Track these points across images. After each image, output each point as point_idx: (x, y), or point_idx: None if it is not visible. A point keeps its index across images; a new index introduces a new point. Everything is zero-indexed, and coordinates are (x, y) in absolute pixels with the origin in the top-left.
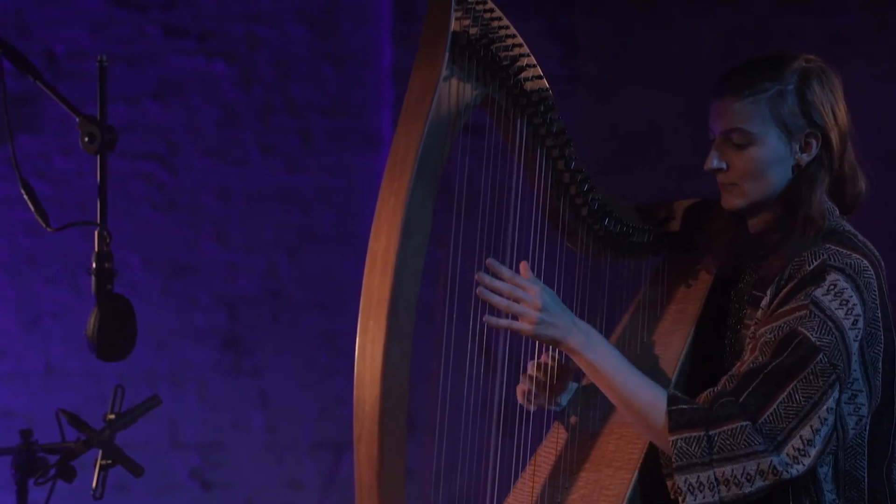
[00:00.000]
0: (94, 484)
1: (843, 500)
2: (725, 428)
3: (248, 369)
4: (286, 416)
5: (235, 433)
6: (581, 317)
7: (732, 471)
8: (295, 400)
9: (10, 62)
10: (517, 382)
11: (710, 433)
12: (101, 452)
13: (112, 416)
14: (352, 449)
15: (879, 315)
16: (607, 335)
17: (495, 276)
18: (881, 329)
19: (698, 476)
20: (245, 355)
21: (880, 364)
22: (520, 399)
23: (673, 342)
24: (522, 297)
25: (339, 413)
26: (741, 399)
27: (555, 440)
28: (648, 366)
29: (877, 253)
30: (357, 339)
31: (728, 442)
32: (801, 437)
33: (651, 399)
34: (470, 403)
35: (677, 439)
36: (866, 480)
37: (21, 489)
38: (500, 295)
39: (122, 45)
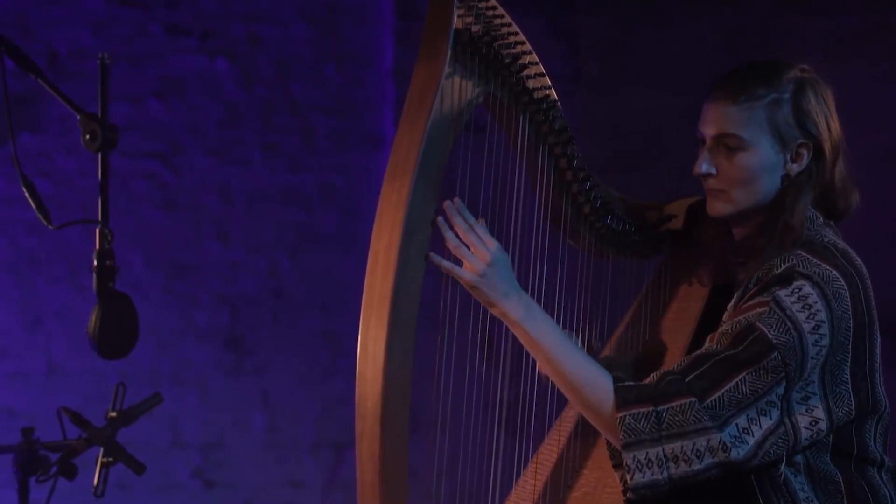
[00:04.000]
0: (95, 482)
1: (821, 494)
2: (674, 404)
3: (250, 369)
4: (287, 415)
5: (236, 432)
6: (583, 315)
7: (682, 447)
8: (296, 399)
9: (13, 61)
10: (520, 380)
11: (659, 409)
12: (102, 450)
13: (114, 414)
14: (353, 448)
15: (851, 325)
16: (609, 333)
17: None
18: (850, 340)
19: (647, 452)
20: (246, 355)
21: (845, 373)
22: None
23: (675, 341)
24: (475, 244)
25: (341, 413)
26: (687, 379)
27: (557, 438)
28: (651, 364)
29: (857, 265)
30: (359, 336)
31: (677, 418)
32: (737, 424)
33: (595, 377)
34: (472, 401)
35: (626, 415)
36: (839, 474)
37: (23, 487)
38: (455, 235)
39: (123, 45)
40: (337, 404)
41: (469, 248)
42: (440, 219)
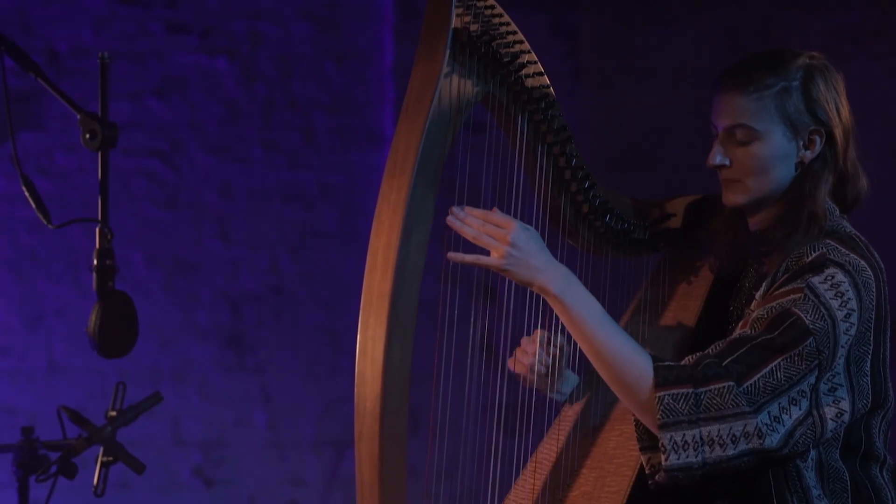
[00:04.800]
0: (95, 481)
1: (829, 493)
2: (713, 387)
3: (251, 367)
4: (288, 413)
5: (238, 430)
6: None
7: (719, 430)
8: (297, 397)
9: (13, 59)
10: (519, 379)
11: (698, 390)
12: (102, 449)
13: (113, 413)
14: (354, 447)
15: (874, 317)
16: None
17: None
18: (872, 331)
19: (684, 434)
20: (247, 353)
21: (867, 366)
22: (511, 366)
23: (674, 339)
24: (492, 230)
25: (342, 411)
26: (724, 362)
27: (556, 437)
28: None
29: (877, 257)
30: (358, 336)
31: (715, 401)
32: (769, 412)
33: (634, 354)
34: (471, 400)
35: (665, 395)
36: (846, 472)
37: (22, 486)
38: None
39: (124, 43)
40: (338, 402)
41: (489, 236)
42: (450, 218)
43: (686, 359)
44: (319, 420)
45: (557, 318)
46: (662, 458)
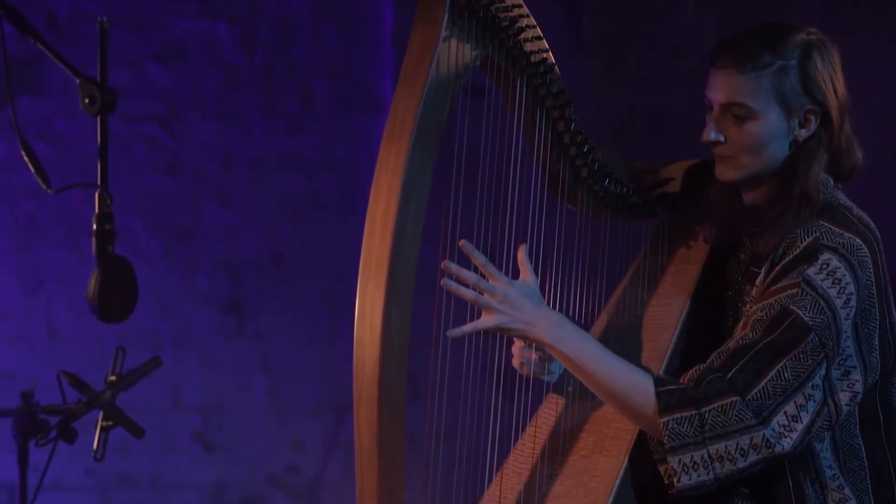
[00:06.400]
0: (95, 445)
1: (845, 471)
2: (716, 405)
3: (251, 332)
4: (288, 379)
5: (237, 396)
6: (581, 279)
7: (726, 447)
8: (297, 363)
9: (12, 24)
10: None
11: (702, 411)
12: (101, 414)
13: (113, 378)
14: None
15: (875, 291)
16: (607, 297)
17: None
18: (876, 305)
19: (692, 455)
20: (247, 318)
21: (876, 340)
22: (516, 363)
23: (672, 304)
24: (487, 288)
25: (342, 376)
26: (729, 375)
27: (555, 402)
28: (648, 329)
29: (872, 226)
30: (357, 301)
31: (720, 419)
32: (785, 412)
33: (635, 383)
34: (470, 366)
35: (669, 420)
36: (863, 449)
37: (22, 450)
38: (467, 285)
39: (123, 8)
40: (338, 368)
41: (484, 296)
42: (445, 280)
43: (691, 371)
44: (319, 386)
45: (553, 286)
46: (674, 479)
